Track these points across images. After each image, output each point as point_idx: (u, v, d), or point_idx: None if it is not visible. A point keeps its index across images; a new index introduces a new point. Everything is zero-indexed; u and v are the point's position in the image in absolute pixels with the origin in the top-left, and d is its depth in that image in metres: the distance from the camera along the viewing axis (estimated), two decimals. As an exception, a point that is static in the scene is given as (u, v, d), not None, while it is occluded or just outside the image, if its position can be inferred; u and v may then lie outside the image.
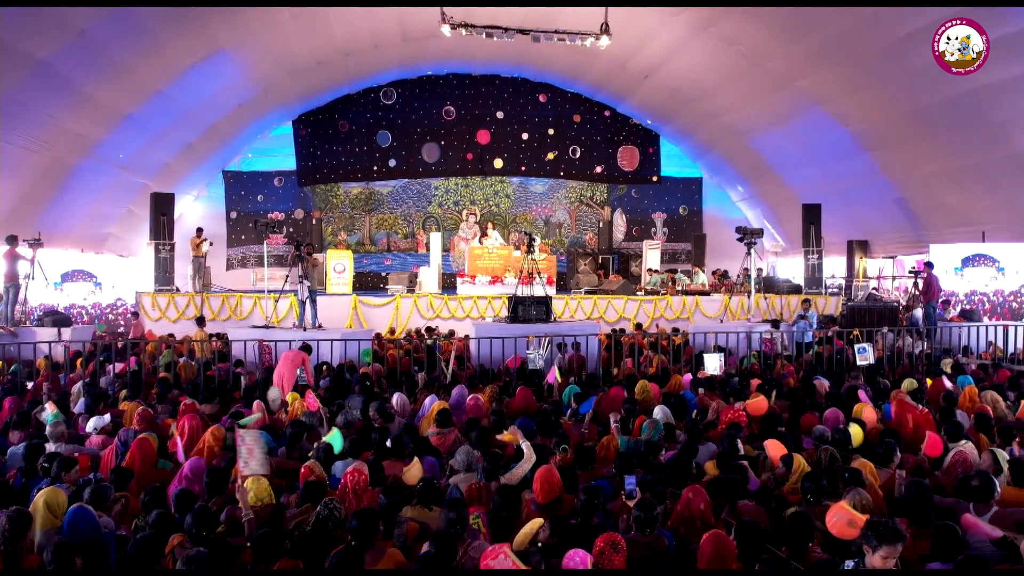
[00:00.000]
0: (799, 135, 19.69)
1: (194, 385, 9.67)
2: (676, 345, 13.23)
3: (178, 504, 4.88)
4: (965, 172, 15.96)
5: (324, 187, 24.33)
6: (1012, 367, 10.89)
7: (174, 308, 16.32)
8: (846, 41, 15.23)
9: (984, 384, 9.23)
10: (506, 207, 25.03)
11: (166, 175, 20.22)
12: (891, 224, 19.39)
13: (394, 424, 7.38)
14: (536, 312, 13.47)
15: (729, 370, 10.58)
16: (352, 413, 7.35)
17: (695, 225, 25.20)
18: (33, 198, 15.78)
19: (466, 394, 8.27)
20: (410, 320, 16.67)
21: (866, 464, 5.37)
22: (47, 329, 12.50)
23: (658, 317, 17.18)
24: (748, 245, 14.33)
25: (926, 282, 13.78)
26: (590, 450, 5.99)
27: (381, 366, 11.15)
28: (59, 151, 15.42)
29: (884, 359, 11.85)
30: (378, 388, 9.40)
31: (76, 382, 9.43)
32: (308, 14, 16.65)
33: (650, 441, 6.21)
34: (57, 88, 13.66)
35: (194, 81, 16.88)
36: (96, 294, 16.80)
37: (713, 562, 3.79)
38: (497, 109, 24.38)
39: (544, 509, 4.93)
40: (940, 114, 15.25)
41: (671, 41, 18.31)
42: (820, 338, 13.37)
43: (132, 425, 7.16)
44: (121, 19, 13.18)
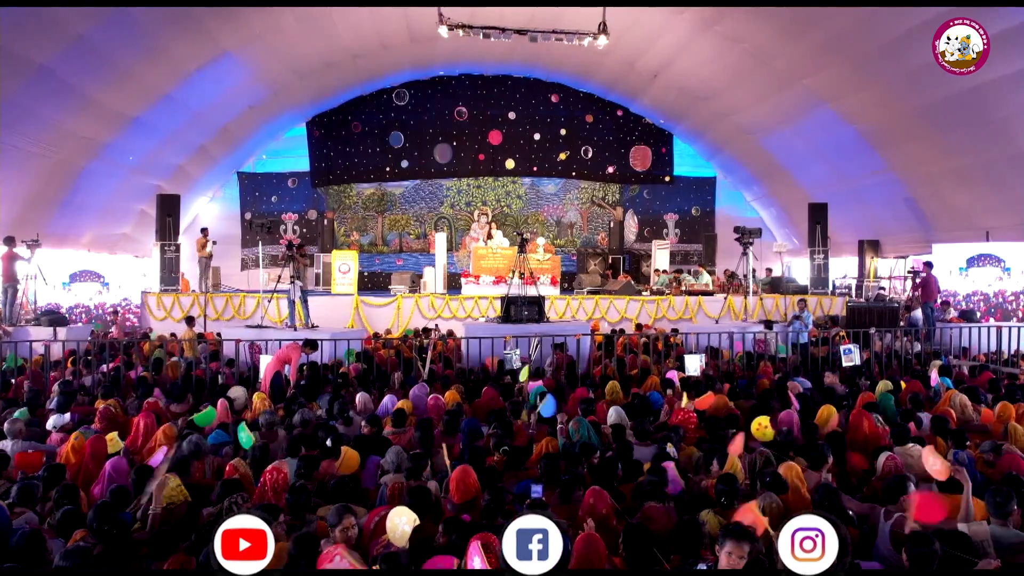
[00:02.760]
0: (808, 134, 19.44)
1: (175, 384, 9.82)
2: (671, 345, 13.17)
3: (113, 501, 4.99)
4: (970, 171, 15.65)
5: (337, 188, 24.54)
6: (1000, 369, 10.65)
7: (179, 308, 16.59)
8: (848, 38, 15.03)
9: (972, 386, 9.05)
10: (518, 208, 25.04)
11: (179, 177, 20.53)
12: (901, 223, 19.06)
13: (353, 424, 7.46)
14: (529, 312, 13.51)
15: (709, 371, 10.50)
16: (308, 412, 7.42)
17: (707, 226, 24.99)
18: (43, 200, 16.09)
19: (426, 393, 8.31)
20: (411, 320, 16.76)
21: (793, 467, 5.30)
22: (43, 329, 12.77)
23: (660, 318, 17.10)
24: (744, 245, 14.20)
25: (923, 282, 13.56)
26: (523, 452, 5.99)
27: (364, 365, 11.21)
28: (66, 154, 15.71)
29: (877, 359, 11.69)
30: (352, 388, 9.47)
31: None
32: (312, 16, 16.82)
33: (585, 443, 6.19)
34: (59, 92, 13.90)
35: (201, 84, 17.10)
36: (103, 294, 17.13)
37: (580, 563, 3.78)
38: (509, 110, 24.40)
39: (460, 509, 4.95)
40: (943, 112, 14.97)
41: (677, 40, 18.19)
42: (816, 339, 13.22)
43: (96, 423, 7.32)
44: (119, 23, 13.35)
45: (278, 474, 5.10)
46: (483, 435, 6.70)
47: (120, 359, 10.92)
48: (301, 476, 5.49)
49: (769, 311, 16.93)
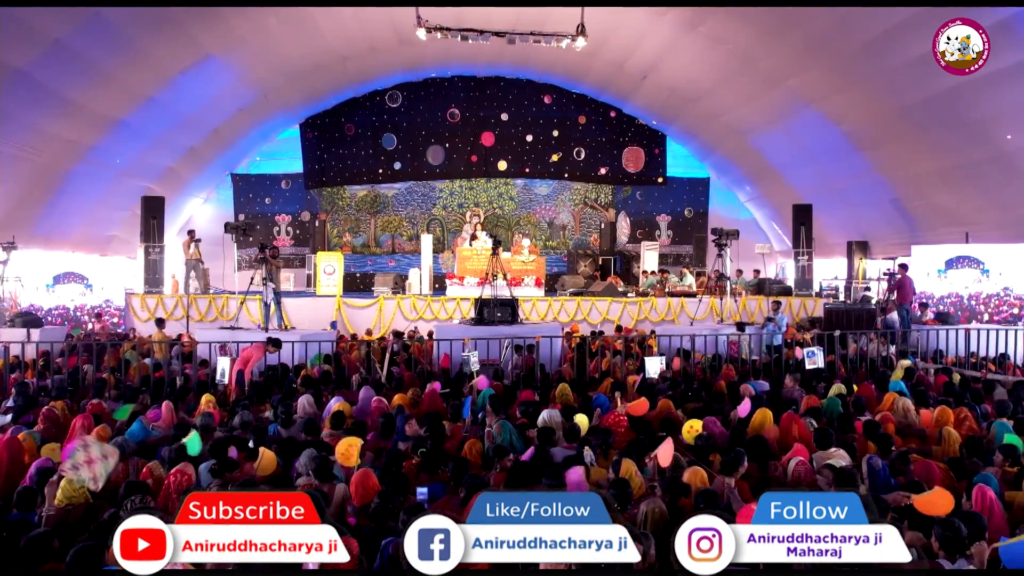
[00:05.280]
0: (795, 135, 19.36)
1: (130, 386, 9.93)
2: (645, 347, 13.15)
3: (19, 503, 5.05)
4: (953, 171, 15.56)
5: (330, 189, 24.67)
6: (963, 372, 10.56)
7: (163, 309, 16.72)
8: (827, 39, 14.98)
9: (921, 389, 9.00)
10: (510, 209, 25.06)
11: (170, 179, 20.69)
12: (888, 225, 18.96)
13: (294, 426, 7.50)
14: (501, 314, 13.51)
15: (668, 374, 10.46)
16: (247, 415, 7.47)
17: (700, 227, 24.91)
18: (28, 202, 16.27)
19: (371, 396, 8.35)
20: (393, 322, 16.81)
21: (699, 472, 5.30)
22: (17, 330, 12.90)
23: (643, 319, 17.07)
24: (720, 247, 14.16)
25: (899, 284, 13.47)
26: (438, 454, 6.01)
27: (327, 367, 11.25)
28: (50, 157, 15.85)
29: (845, 362, 11.62)
30: (302, 390, 9.49)
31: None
32: (295, 18, 16.88)
33: (498, 446, 6.20)
34: (39, 96, 14.01)
35: (186, 87, 17.21)
36: (86, 296, 17.30)
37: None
38: (502, 111, 24.40)
39: (359, 512, 4.98)
40: (924, 112, 14.89)
41: (662, 41, 18.15)
42: (791, 341, 13.15)
43: (38, 425, 7.40)
44: (97, 27, 13.46)
45: (182, 476, 5.15)
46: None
47: (76, 359, 11.02)
48: (215, 476, 5.56)
49: (752, 312, 16.86)
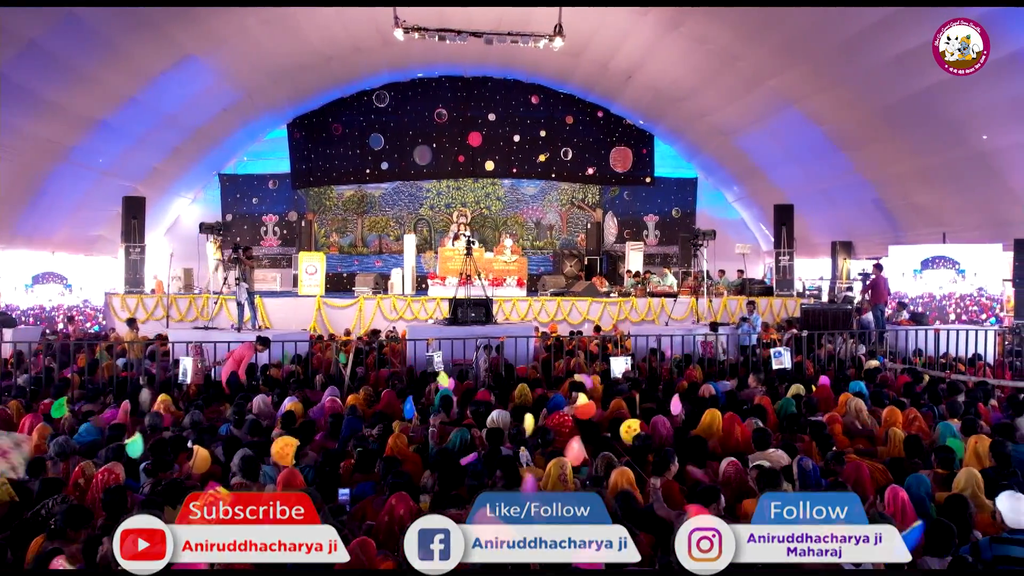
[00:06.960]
0: (778, 135, 19.33)
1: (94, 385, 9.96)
2: (620, 348, 13.12)
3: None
4: (932, 171, 15.56)
5: (318, 190, 24.68)
6: (931, 373, 10.54)
7: (143, 309, 16.77)
8: (806, 39, 14.95)
9: (879, 390, 8.98)
10: (497, 209, 25.06)
11: (156, 179, 20.73)
12: (871, 225, 18.95)
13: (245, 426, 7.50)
14: (475, 314, 13.51)
15: (632, 374, 10.44)
16: (198, 414, 7.49)
17: (688, 227, 24.83)
18: (8, 201, 16.24)
19: (331, 396, 8.36)
20: (373, 322, 16.84)
21: (625, 472, 5.30)
22: (-10, 330, 12.96)
23: (622, 319, 17.05)
24: (695, 247, 14.16)
25: (873, 284, 13.46)
26: (373, 454, 6.02)
27: (295, 367, 11.27)
28: (29, 157, 15.83)
29: (815, 362, 11.61)
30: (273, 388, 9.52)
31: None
32: (276, 18, 16.84)
33: (442, 448, 6.21)
34: (14, 97, 13.92)
35: (167, 87, 17.20)
36: (65, 296, 17.32)
37: (353, 563, 3.81)
38: (489, 111, 24.38)
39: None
40: (902, 112, 14.88)
41: (644, 42, 18.12)
42: (766, 340, 13.14)
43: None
44: (73, 28, 13.42)
45: (109, 475, 5.16)
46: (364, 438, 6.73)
47: (42, 359, 11.05)
48: (148, 475, 5.58)
49: (733, 313, 16.84)
